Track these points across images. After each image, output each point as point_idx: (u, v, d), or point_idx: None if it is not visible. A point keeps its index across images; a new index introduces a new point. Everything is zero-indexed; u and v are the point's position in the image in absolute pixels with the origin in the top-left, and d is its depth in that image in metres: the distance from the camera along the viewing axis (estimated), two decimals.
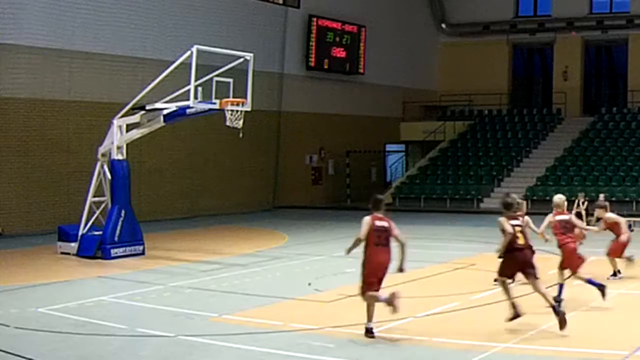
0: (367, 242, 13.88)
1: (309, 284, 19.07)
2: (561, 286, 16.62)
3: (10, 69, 30.42)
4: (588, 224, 31.54)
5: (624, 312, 15.69)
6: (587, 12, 49.94)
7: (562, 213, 17.09)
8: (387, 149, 51.90)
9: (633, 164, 41.66)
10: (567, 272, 17.52)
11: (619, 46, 51.04)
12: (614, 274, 19.65)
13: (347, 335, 13.96)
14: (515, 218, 14.80)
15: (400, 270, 14.13)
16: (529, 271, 14.40)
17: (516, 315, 14.29)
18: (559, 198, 17.37)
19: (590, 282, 16.29)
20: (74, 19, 32.17)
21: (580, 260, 16.73)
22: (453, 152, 47.70)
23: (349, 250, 14.04)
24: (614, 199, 36.22)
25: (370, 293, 13.80)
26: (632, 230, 30.39)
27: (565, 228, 16.88)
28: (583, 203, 32.19)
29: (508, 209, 14.77)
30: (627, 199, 38.35)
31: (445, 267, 21.44)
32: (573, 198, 33.12)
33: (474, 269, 21.43)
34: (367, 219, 13.96)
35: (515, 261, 14.41)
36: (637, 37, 48.58)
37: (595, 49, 52.63)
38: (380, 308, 15.84)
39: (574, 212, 31.85)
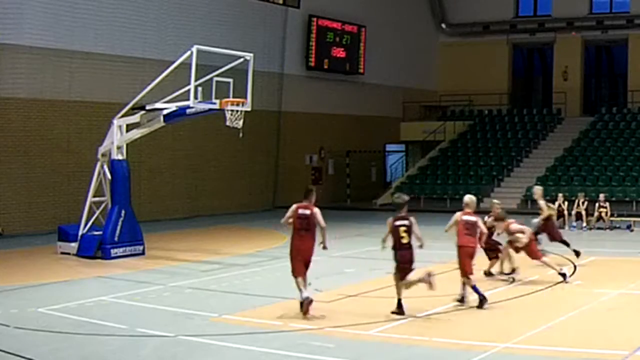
0: (293, 228, 15.82)
1: (309, 284, 19.02)
2: (474, 287, 16.40)
3: (10, 69, 30.42)
4: (588, 224, 31.66)
5: (624, 312, 15.69)
6: (587, 12, 49.92)
7: (469, 214, 16.79)
8: (387, 149, 51.87)
9: (633, 164, 41.63)
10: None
11: (619, 46, 51.00)
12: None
13: (346, 335, 13.97)
14: (404, 218, 15.82)
15: (324, 248, 15.94)
16: (407, 269, 15.77)
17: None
18: (469, 198, 17.09)
19: (474, 288, 16.23)
20: (74, 19, 32.17)
21: (469, 266, 16.47)
22: (453, 152, 47.66)
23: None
24: (614, 198, 36.22)
25: (299, 279, 15.72)
26: (631, 231, 30.48)
27: (467, 229, 16.57)
28: (583, 203, 32.17)
29: (398, 208, 15.99)
30: (627, 199, 38.31)
31: (445, 267, 21.38)
32: (573, 198, 33.14)
33: (474, 269, 21.39)
34: (292, 207, 15.88)
35: (399, 258, 15.74)
36: (637, 37, 48.55)
37: (595, 49, 52.63)
38: (379, 308, 15.90)
39: (574, 212, 31.88)
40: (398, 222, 15.74)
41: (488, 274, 19.75)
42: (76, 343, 13.59)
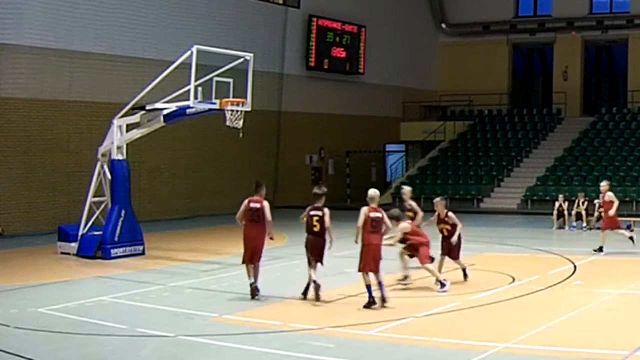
0: (245, 220, 17.65)
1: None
2: (380, 284, 16.22)
3: (10, 69, 30.43)
4: (588, 224, 31.64)
5: (624, 312, 15.68)
6: (587, 12, 49.93)
7: (375, 210, 16.46)
8: (387, 149, 51.89)
9: (633, 164, 41.64)
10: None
11: (619, 46, 51.02)
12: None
13: (347, 335, 13.96)
14: (319, 209, 17.14)
15: (271, 238, 17.85)
16: (316, 256, 17.09)
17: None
18: (373, 192, 16.67)
19: (368, 288, 16.07)
20: (74, 19, 32.18)
21: (376, 262, 16.25)
22: (453, 152, 47.68)
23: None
24: None
25: (249, 266, 17.48)
26: (631, 230, 30.43)
27: (373, 227, 16.36)
28: (583, 203, 32.14)
29: (316, 199, 17.26)
30: (627, 199, 38.27)
31: (445, 267, 21.38)
32: (573, 198, 33.13)
33: (474, 269, 21.39)
34: (244, 202, 17.75)
35: (309, 244, 17.16)
36: (637, 37, 48.57)
37: (595, 49, 52.64)
38: (384, 309, 15.90)
39: (574, 212, 31.85)
40: (313, 212, 17.18)
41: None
42: (76, 343, 13.58)
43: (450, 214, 19.85)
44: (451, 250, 19.43)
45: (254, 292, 17.21)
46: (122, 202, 24.64)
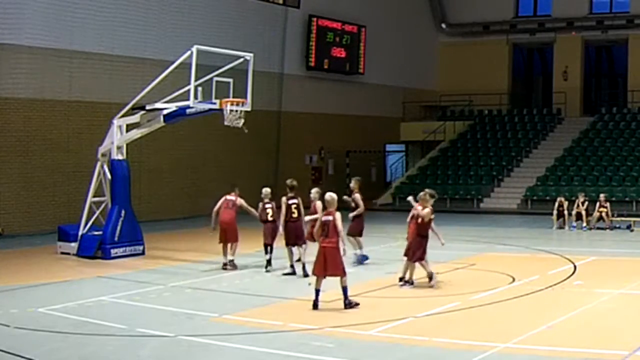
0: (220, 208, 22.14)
1: (309, 284, 18.98)
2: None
3: (10, 69, 30.39)
4: (588, 224, 31.63)
5: (624, 312, 15.68)
6: (587, 12, 49.91)
7: (329, 214, 16.32)
8: (387, 149, 51.89)
9: (633, 164, 41.64)
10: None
11: (619, 46, 51.01)
12: None
13: (347, 335, 13.96)
14: (294, 198, 20.39)
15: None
16: (298, 241, 20.42)
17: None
18: (329, 196, 16.45)
19: (317, 293, 16.16)
20: (74, 19, 32.15)
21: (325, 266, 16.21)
22: (453, 152, 47.68)
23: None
24: (614, 198, 36.19)
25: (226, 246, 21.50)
26: (631, 231, 30.46)
27: (324, 231, 16.28)
28: (583, 203, 32.10)
29: (291, 190, 20.50)
30: (627, 199, 38.31)
31: (445, 267, 21.41)
32: (573, 198, 33.10)
33: (474, 269, 21.45)
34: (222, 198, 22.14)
35: (288, 230, 20.34)
36: (637, 37, 48.54)
37: (596, 49, 52.65)
38: (379, 308, 15.93)
39: (574, 212, 31.84)
40: (291, 201, 20.27)
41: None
42: (76, 343, 13.58)
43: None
44: None
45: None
46: (122, 202, 24.65)
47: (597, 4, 49.97)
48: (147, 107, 24.47)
